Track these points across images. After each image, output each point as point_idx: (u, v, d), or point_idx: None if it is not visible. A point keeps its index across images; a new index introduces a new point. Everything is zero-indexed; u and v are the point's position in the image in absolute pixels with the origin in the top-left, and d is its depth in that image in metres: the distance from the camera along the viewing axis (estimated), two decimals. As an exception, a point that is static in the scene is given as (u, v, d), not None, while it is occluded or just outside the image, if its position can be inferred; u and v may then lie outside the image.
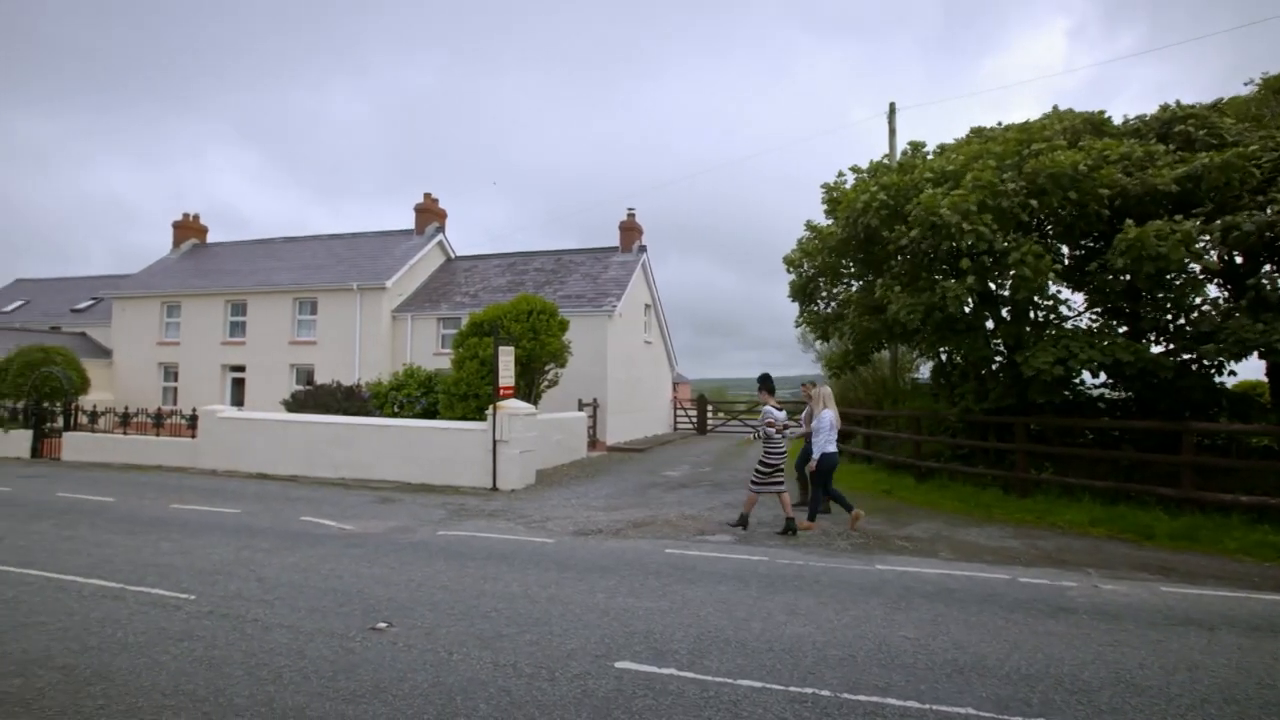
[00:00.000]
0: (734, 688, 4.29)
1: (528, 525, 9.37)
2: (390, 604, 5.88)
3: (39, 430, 17.49)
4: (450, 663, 4.64)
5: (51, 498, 11.25)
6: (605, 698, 4.15)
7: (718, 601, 6.01)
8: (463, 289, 23.17)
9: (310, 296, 23.12)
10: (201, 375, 24.10)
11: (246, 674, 4.44)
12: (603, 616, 5.60)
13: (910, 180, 11.09)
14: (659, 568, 7.15)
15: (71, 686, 4.27)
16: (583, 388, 19.54)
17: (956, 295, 9.98)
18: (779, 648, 4.95)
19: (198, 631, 5.19)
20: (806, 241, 13.62)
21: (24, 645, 4.92)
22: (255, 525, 9.18)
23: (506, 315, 14.67)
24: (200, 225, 29.67)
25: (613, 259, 23.33)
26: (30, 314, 30.69)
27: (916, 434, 12.49)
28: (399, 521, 9.54)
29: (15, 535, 8.42)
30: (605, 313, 20.24)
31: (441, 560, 7.41)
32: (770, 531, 9.02)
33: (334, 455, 13.83)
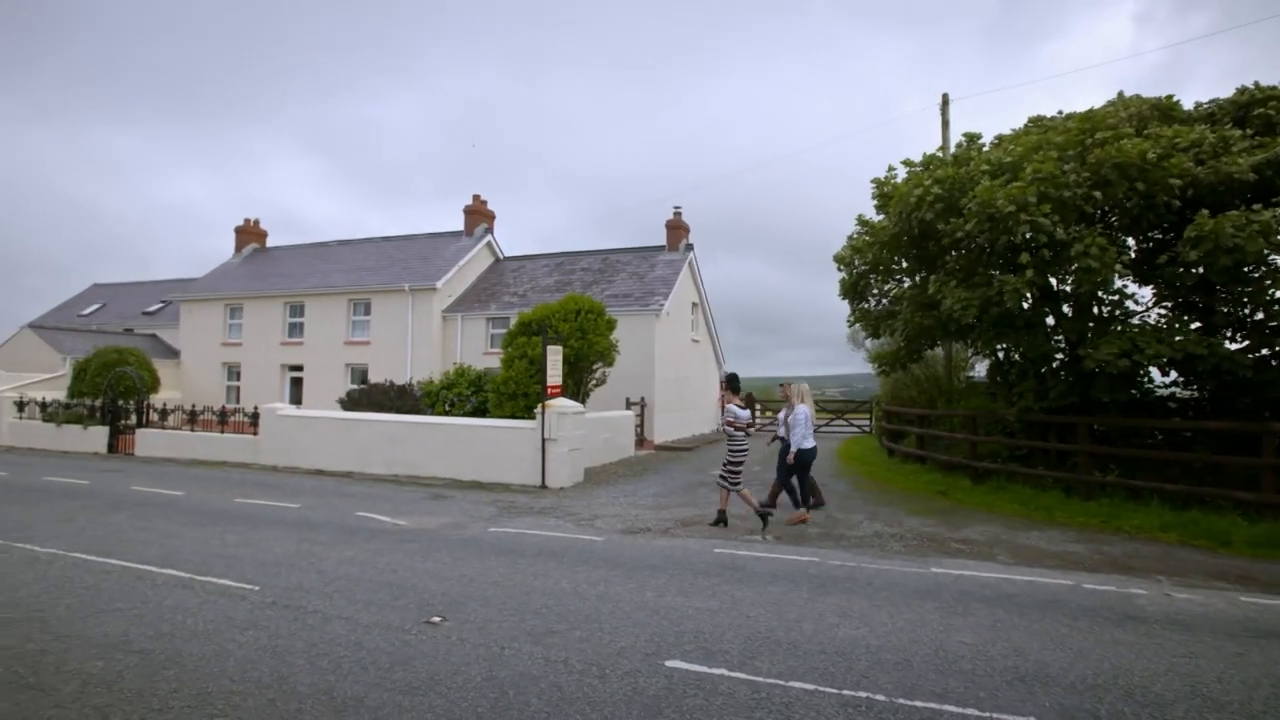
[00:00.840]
0: (785, 690, 4.24)
1: (576, 523, 9.43)
2: (444, 598, 5.99)
3: (114, 427, 18.38)
4: (503, 657, 4.70)
5: (126, 491, 11.81)
6: (656, 696, 4.15)
7: (768, 602, 5.95)
8: (511, 289, 23.48)
9: (364, 298, 23.74)
10: (262, 374, 25.00)
11: (308, 663, 4.58)
12: (652, 615, 5.60)
13: (965, 173, 10.78)
14: (708, 567, 7.11)
15: (147, 670, 4.47)
16: (630, 386, 19.59)
17: (1015, 290, 9.66)
18: (831, 650, 4.87)
19: (262, 621, 5.38)
20: (857, 238, 13.37)
21: (105, 630, 5.18)
22: (313, 519, 9.47)
23: (555, 315, 14.80)
24: (260, 230, 30.75)
25: (659, 258, 23.32)
26: (106, 316, 32.32)
27: (972, 434, 12.14)
28: (450, 518, 9.71)
29: (95, 526, 8.87)
30: (652, 311, 20.25)
31: (493, 556, 7.52)
32: (799, 531, 8.88)
33: (387, 452, 14.17)
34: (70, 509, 10.05)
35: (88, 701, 4.03)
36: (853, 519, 9.71)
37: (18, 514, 9.67)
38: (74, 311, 33.86)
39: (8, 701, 4.03)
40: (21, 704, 4.00)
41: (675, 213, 23.71)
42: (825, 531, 8.91)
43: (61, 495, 11.29)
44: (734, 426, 9.16)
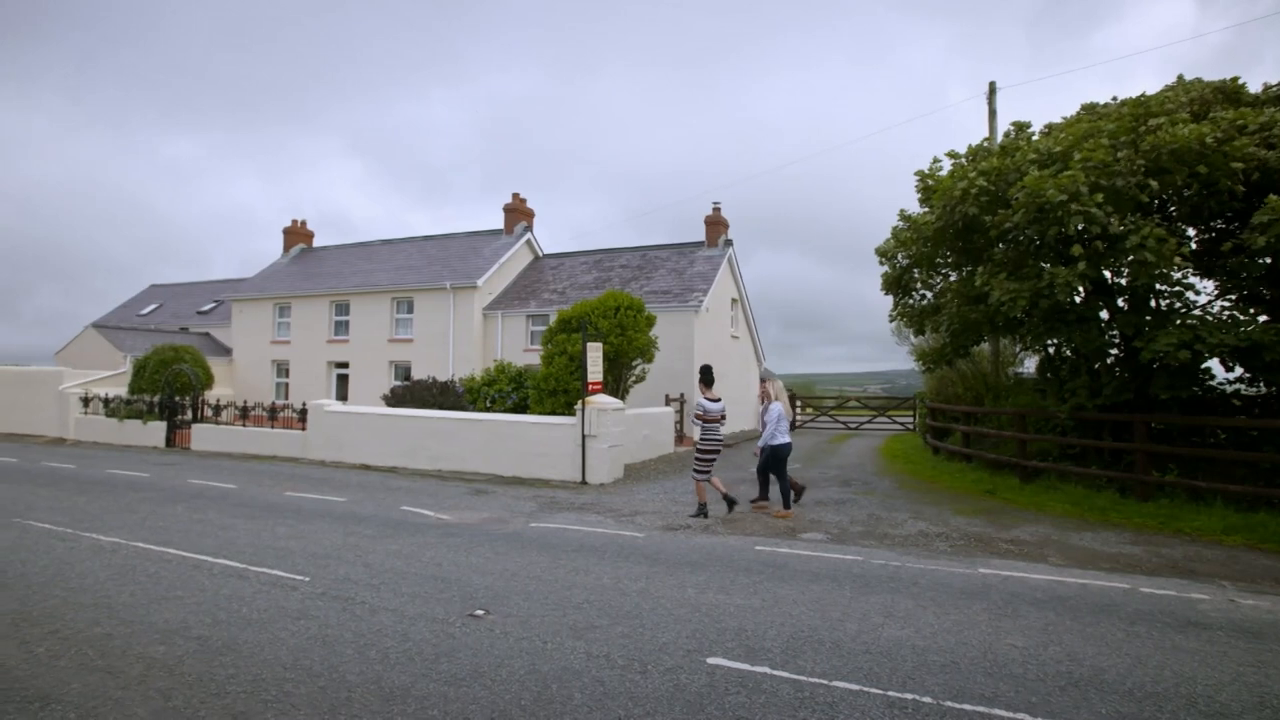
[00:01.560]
0: (829, 689, 4.19)
1: (617, 519, 9.47)
2: (487, 592, 6.07)
3: (172, 422, 19.08)
4: (545, 651, 4.74)
5: (183, 484, 12.25)
6: (698, 693, 4.14)
7: (811, 601, 5.88)
8: (550, 286, 23.66)
9: (407, 296, 24.18)
10: (309, 371, 25.67)
11: (357, 653, 4.68)
12: (694, 612, 5.59)
13: (1013, 163, 10.48)
14: (749, 564, 7.07)
15: (206, 655, 4.63)
16: (670, 383, 19.58)
17: (1066, 283, 9.36)
18: (876, 650, 4.79)
19: (312, 611, 5.52)
20: (900, 231, 13.11)
21: (166, 616, 5.38)
22: (360, 513, 9.69)
23: (594, 311, 14.86)
24: (307, 231, 31.55)
25: (698, 254, 23.23)
26: (163, 316, 33.54)
27: (1021, 432, 11.81)
28: (492, 513, 9.84)
29: (155, 518, 9.22)
30: (691, 308, 20.19)
31: (534, 551, 7.59)
32: (841, 529, 8.75)
33: (430, 448, 14.41)
34: (132, 500, 10.47)
35: (151, 684, 4.19)
36: (896, 518, 9.55)
37: (85, 504, 10.10)
38: (133, 311, 35.23)
39: (79, 682, 4.21)
40: (91, 685, 4.18)
41: (714, 208, 23.59)
42: (868, 530, 8.77)
43: (124, 487, 11.76)
44: (704, 419, 9.46)
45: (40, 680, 4.25)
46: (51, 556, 7.16)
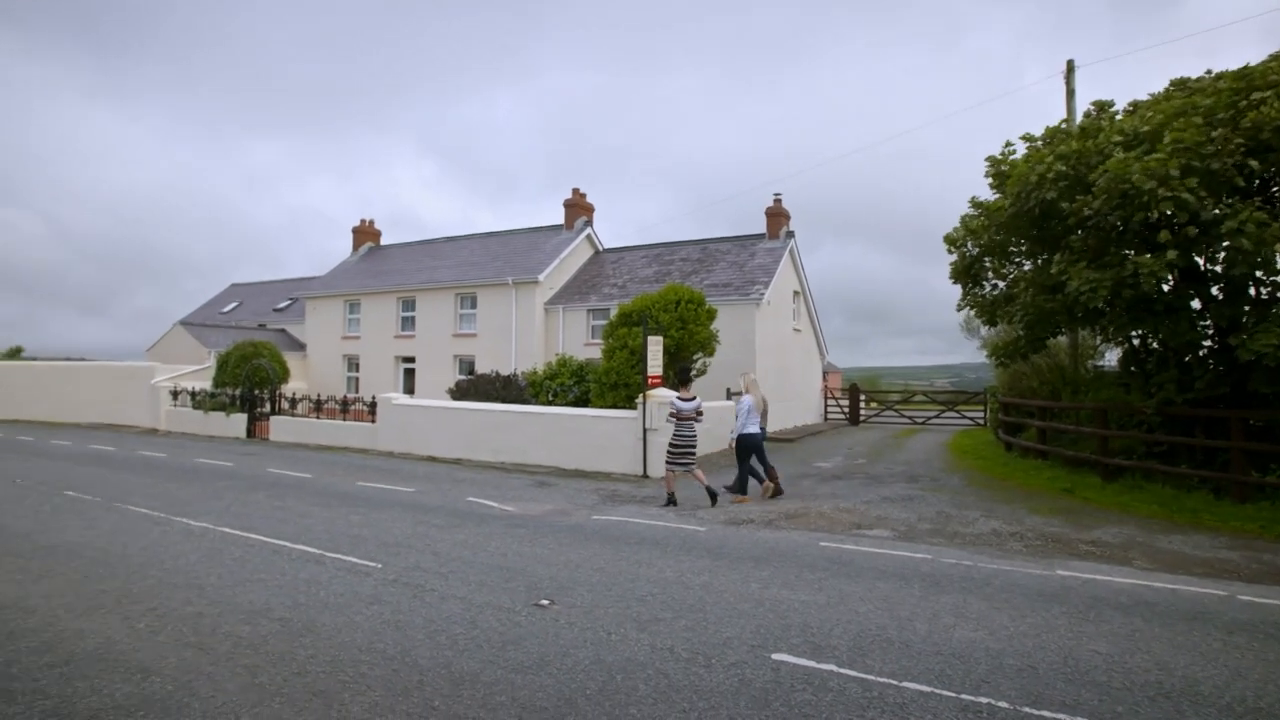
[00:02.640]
0: (899, 690, 4.09)
1: (678, 512, 9.46)
2: (551, 583, 6.16)
3: (252, 414, 20.05)
4: (609, 642, 4.78)
5: (263, 473, 12.86)
6: (763, 688, 4.10)
7: (878, 599, 5.75)
8: (611, 280, 23.78)
9: (470, 292, 24.71)
10: (378, 366, 26.55)
11: (427, 638, 4.82)
12: (757, 607, 5.54)
13: (1095, 145, 9.95)
14: (814, 561, 6.96)
15: (287, 636, 4.85)
16: (730, 377, 19.41)
17: (1152, 271, 8.84)
18: (947, 651, 4.65)
19: (385, 597, 5.72)
20: (970, 219, 12.63)
21: (250, 598, 5.66)
22: (427, 503, 9.97)
23: (655, 305, 14.87)
24: (375, 229, 32.57)
25: (759, 246, 22.96)
26: (242, 314, 35.23)
27: (1103, 428, 11.24)
28: (555, 505, 9.97)
29: (239, 504, 9.71)
30: (753, 301, 19.98)
31: (597, 543, 7.67)
32: (909, 527, 8.50)
33: (494, 440, 14.71)
34: (218, 488, 11.05)
35: (239, 661, 4.42)
36: (967, 516, 9.24)
37: (176, 491, 10.72)
38: (216, 309, 37.13)
39: (175, 656, 4.48)
40: (186, 660, 4.44)
41: (775, 200, 23.25)
42: (937, 528, 8.52)
43: (210, 475, 12.43)
44: (677, 417, 10.00)
45: (141, 653, 4.54)
46: (148, 539, 7.63)
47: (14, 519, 8.65)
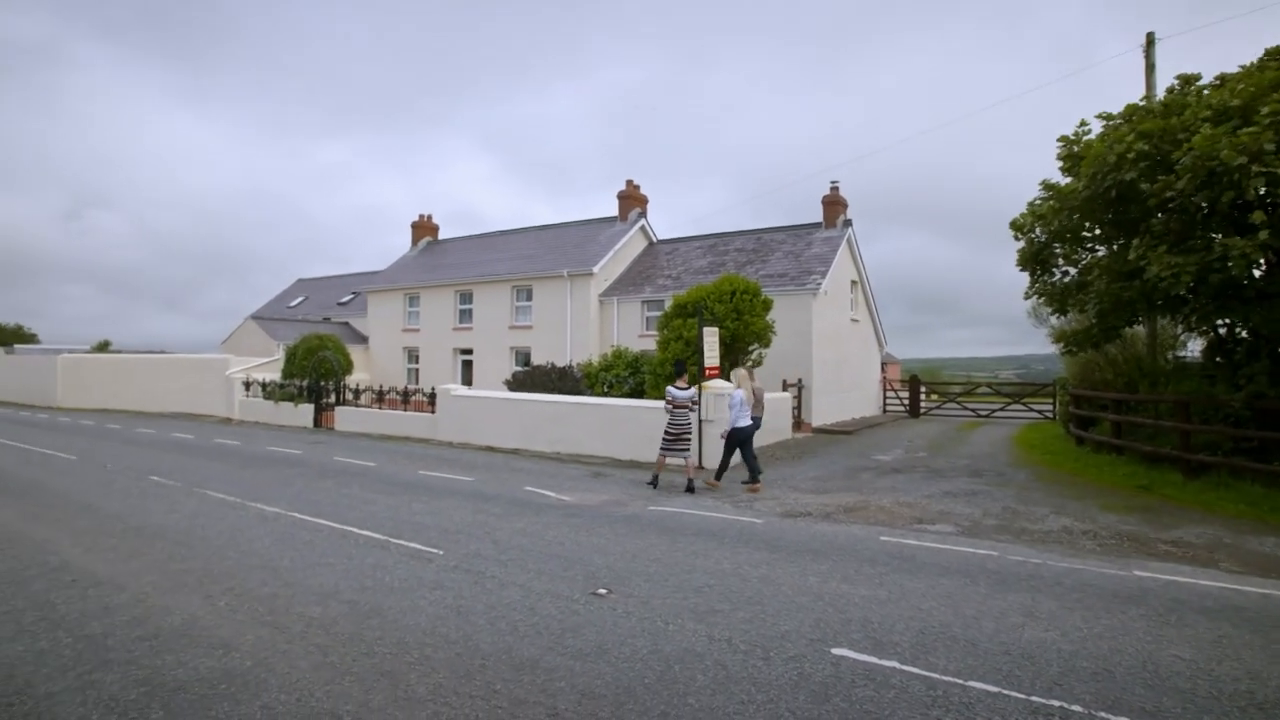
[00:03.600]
0: (965, 689, 3.97)
1: (735, 504, 9.41)
2: (608, 572, 6.20)
3: (318, 404, 20.81)
4: (667, 632, 4.79)
5: (330, 461, 13.34)
6: (823, 683, 4.04)
7: (941, 595, 5.60)
8: (665, 272, 23.74)
9: (526, 284, 25.04)
10: (437, 358, 27.18)
11: (488, 624, 4.92)
12: (816, 600, 5.46)
13: (1179, 122, 9.40)
14: (874, 555, 6.82)
15: (356, 618, 5.03)
16: (787, 368, 19.20)
17: (1243, 255, 8.31)
18: (1016, 651, 4.50)
19: (447, 583, 5.86)
20: (1040, 204, 12.11)
21: (320, 580, 5.89)
22: (486, 492, 10.17)
23: (710, 296, 14.78)
24: (433, 224, 33.28)
25: (816, 235, 22.55)
26: (309, 308, 36.55)
27: (1185, 422, 10.66)
28: (611, 495, 10.04)
29: (309, 491, 10.10)
30: (809, 291, 19.66)
31: (653, 534, 7.69)
32: (974, 523, 8.23)
33: (550, 431, 14.90)
34: (288, 475, 11.51)
35: (311, 640, 4.60)
36: (1036, 512, 8.90)
37: (250, 478, 11.22)
38: (284, 304, 38.63)
39: (252, 634, 4.69)
40: (262, 637, 4.64)
41: (832, 188, 22.79)
42: (1004, 524, 8.23)
43: (281, 463, 12.96)
44: (672, 405, 10.52)
45: (222, 630, 4.78)
46: (226, 523, 8.01)
47: (106, 502, 9.20)
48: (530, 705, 3.77)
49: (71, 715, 3.68)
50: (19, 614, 5.13)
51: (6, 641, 4.64)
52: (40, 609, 5.22)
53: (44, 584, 5.81)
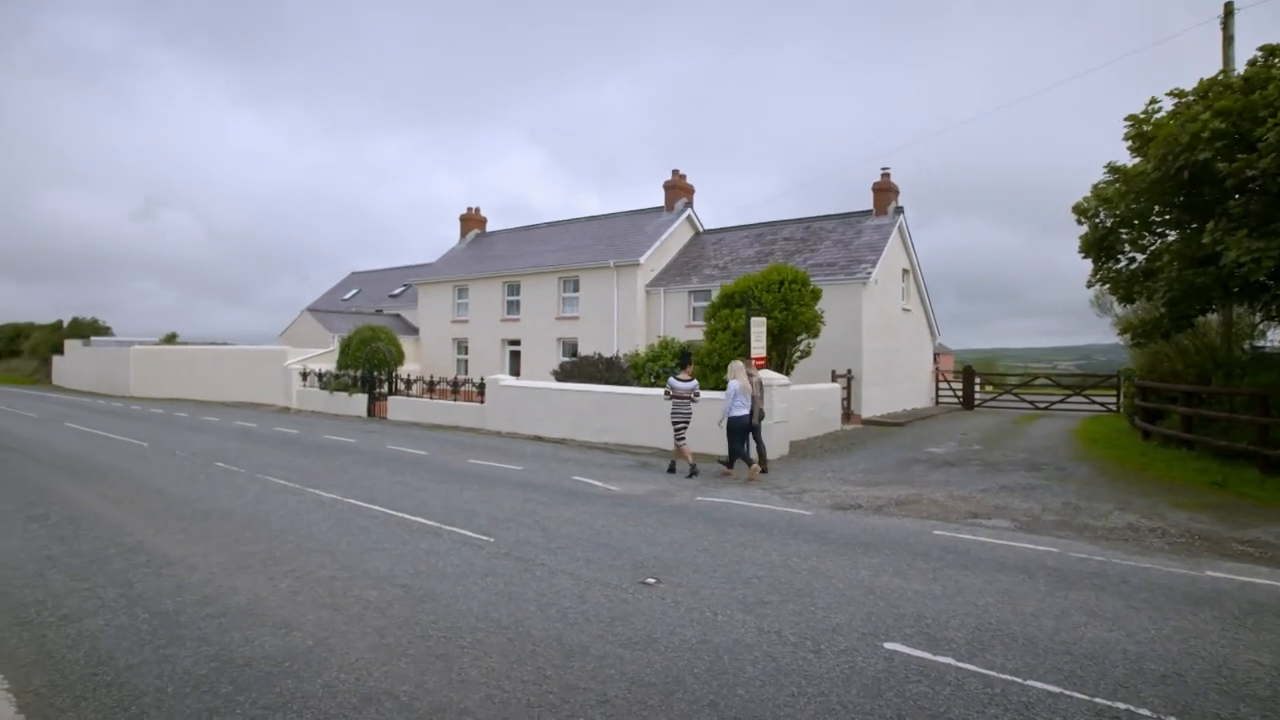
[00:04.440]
0: (1024, 689, 3.86)
1: (783, 496, 9.32)
2: (656, 562, 6.22)
3: (371, 394, 21.37)
4: (716, 623, 4.78)
5: (383, 449, 13.69)
6: (875, 678, 3.98)
7: (998, 592, 5.45)
8: (712, 262, 23.59)
9: (573, 275, 25.18)
10: (485, 348, 27.59)
11: (539, 610, 4.99)
12: (868, 594, 5.38)
13: (1262, 98, 8.87)
14: (927, 549, 6.68)
15: (410, 601, 5.16)
16: (836, 358, 18.90)
17: (1330, 240, 7.81)
18: (1078, 652, 4.35)
19: (498, 569, 5.96)
20: (1105, 186, 11.59)
21: (375, 564, 6.05)
22: (535, 481, 10.30)
23: (757, 286, 14.62)
24: (481, 217, 33.71)
25: (866, 223, 22.08)
26: (361, 300, 37.50)
27: (1263, 415, 10.09)
28: (658, 485, 10.06)
29: (363, 478, 10.39)
30: (859, 280, 19.28)
31: (701, 524, 7.67)
32: (1032, 518, 7.96)
33: (597, 421, 14.99)
34: (344, 462, 11.87)
35: (368, 622, 4.74)
36: (1099, 508, 8.58)
37: (308, 465, 11.61)
38: (338, 296, 39.72)
39: (313, 615, 4.86)
40: (322, 618, 4.81)
41: (883, 174, 22.25)
42: (1064, 520, 7.96)
43: (336, 451, 13.37)
44: (674, 396, 11.15)
45: (284, 610, 4.96)
46: (287, 508, 8.30)
47: (176, 487, 9.64)
48: (580, 691, 3.82)
49: (149, 686, 3.87)
50: (101, 590, 5.42)
51: (90, 615, 4.91)
52: (119, 586, 5.51)
53: (122, 563, 6.12)
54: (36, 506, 8.44)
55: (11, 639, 4.55)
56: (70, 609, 5.05)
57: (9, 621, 4.84)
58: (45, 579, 5.73)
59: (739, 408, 10.76)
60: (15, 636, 4.59)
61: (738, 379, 10.87)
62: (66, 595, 5.33)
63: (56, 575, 5.82)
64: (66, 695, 3.81)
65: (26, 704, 3.72)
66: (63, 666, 4.14)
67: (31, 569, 6.00)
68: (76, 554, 6.43)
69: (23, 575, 5.84)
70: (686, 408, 11.08)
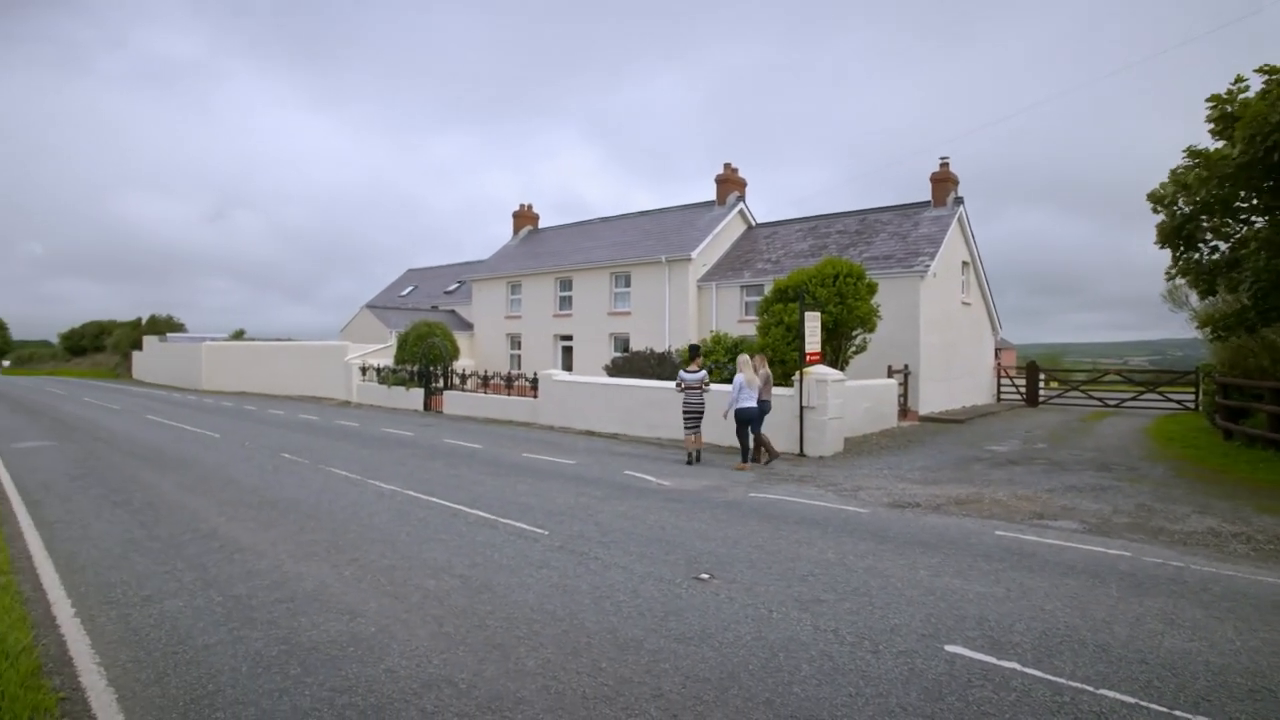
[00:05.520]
0: (1095, 698, 3.70)
1: (838, 493, 9.17)
2: (710, 557, 6.19)
3: (427, 389, 21.88)
4: (770, 620, 4.73)
5: (439, 443, 14.00)
6: (936, 680, 3.88)
7: (1066, 596, 5.24)
8: (764, 256, 23.34)
9: (624, 271, 25.25)
10: (538, 344, 27.93)
11: (593, 603, 5.03)
12: (927, 595, 5.24)
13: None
14: (989, 550, 6.47)
15: (468, 591, 5.26)
16: (892, 353, 18.48)
17: None
18: (1154, 661, 4.15)
19: (552, 562, 6.03)
20: (1184, 172, 11.01)
21: (434, 555, 6.20)
22: (587, 476, 10.37)
23: (811, 280, 14.40)
24: (533, 213, 34.09)
25: (923, 215, 21.50)
26: (418, 297, 38.39)
27: (1358, 414, 9.47)
28: (710, 481, 10.01)
29: (420, 471, 10.65)
30: (916, 273, 18.79)
31: (754, 520, 7.61)
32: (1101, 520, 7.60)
33: (649, 416, 15.01)
34: (402, 455, 12.18)
35: (427, 611, 4.86)
36: (1176, 510, 8.17)
37: (368, 457, 11.96)
38: (395, 293, 40.76)
39: (375, 603, 5.01)
40: (384, 606, 4.95)
41: (941, 164, 21.61)
42: (1137, 523, 7.60)
43: (394, 444, 13.73)
44: (685, 388, 11.84)
45: (348, 597, 5.12)
46: (348, 499, 8.57)
47: (245, 476, 10.06)
48: (635, 684, 3.83)
49: (224, 666, 4.06)
50: (179, 574, 5.71)
51: (170, 597, 5.17)
52: (195, 570, 5.78)
53: (197, 548, 6.42)
54: (120, 493, 8.93)
55: (100, 616, 4.83)
56: (152, 590, 5.33)
57: (99, 600, 5.14)
58: (129, 561, 6.06)
59: (745, 400, 11.10)
60: (104, 614, 4.87)
61: (743, 372, 11.24)
62: (148, 577, 5.63)
63: (139, 558, 6.15)
64: (150, 671, 4.02)
65: (115, 678, 3.94)
66: (146, 644, 4.37)
67: (117, 552, 6.36)
68: (156, 538, 6.78)
69: (110, 557, 6.19)
70: (698, 399, 11.69)
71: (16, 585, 5.39)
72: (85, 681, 3.90)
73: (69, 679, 3.93)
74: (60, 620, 4.76)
